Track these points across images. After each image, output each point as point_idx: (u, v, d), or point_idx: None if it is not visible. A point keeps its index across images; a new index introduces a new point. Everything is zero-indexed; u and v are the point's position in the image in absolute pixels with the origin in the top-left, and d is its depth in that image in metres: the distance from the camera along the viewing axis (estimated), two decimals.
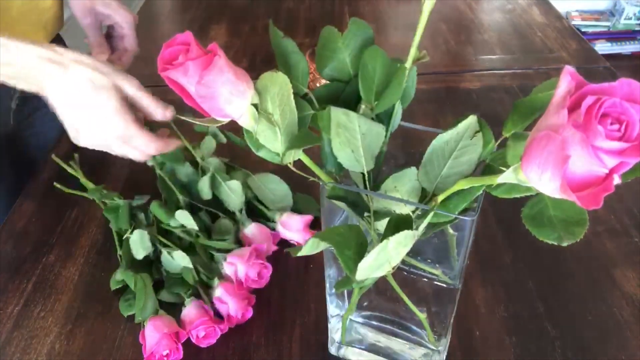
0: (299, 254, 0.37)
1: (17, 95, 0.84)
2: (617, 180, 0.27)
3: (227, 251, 0.64)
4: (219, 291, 0.61)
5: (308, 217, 0.68)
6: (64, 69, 0.52)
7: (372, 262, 0.35)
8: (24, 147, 0.93)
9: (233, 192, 0.68)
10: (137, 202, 0.70)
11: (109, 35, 0.79)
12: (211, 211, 0.70)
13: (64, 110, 0.54)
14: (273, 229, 0.69)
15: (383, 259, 0.35)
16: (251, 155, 0.43)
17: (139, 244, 0.64)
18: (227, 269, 0.63)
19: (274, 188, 0.71)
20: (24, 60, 0.52)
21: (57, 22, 0.84)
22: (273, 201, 0.71)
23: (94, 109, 0.53)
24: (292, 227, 0.68)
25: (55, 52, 0.53)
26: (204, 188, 0.68)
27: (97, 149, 0.57)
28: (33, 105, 0.90)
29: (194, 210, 0.68)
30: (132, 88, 0.56)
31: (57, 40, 0.92)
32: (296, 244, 0.68)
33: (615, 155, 0.26)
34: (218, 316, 0.61)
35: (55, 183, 0.74)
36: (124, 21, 0.78)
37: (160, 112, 0.59)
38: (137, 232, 0.64)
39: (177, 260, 0.62)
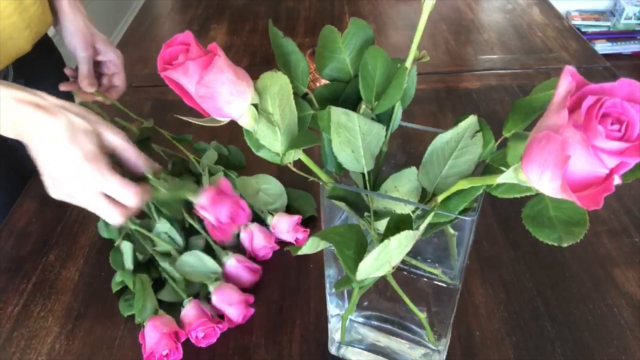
0: (299, 252, 0.37)
1: None
2: (617, 180, 0.27)
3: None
4: (214, 298, 0.60)
5: (296, 217, 0.68)
6: (46, 113, 0.50)
7: (372, 262, 0.35)
8: (21, 150, 0.92)
9: (246, 185, 0.69)
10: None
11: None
12: None
13: (43, 158, 0.52)
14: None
15: (384, 259, 0.35)
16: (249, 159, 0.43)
17: (128, 254, 0.64)
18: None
19: (268, 188, 0.71)
20: (4, 105, 0.50)
21: (42, 22, 0.83)
22: (267, 202, 0.71)
23: (69, 152, 0.50)
24: (282, 228, 0.68)
25: (39, 96, 0.52)
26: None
27: (72, 202, 0.54)
28: None
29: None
30: (118, 139, 0.54)
31: (45, 40, 0.91)
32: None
33: (615, 155, 0.26)
34: (219, 315, 0.61)
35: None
36: (117, 59, 0.82)
37: (145, 163, 0.56)
38: (124, 243, 0.65)
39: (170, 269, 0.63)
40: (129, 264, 0.64)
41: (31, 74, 0.86)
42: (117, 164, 0.55)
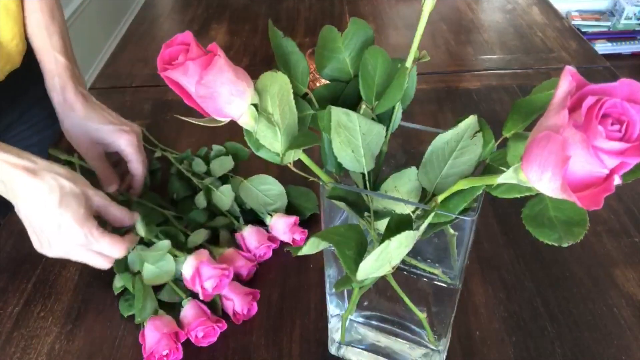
0: (299, 253, 0.37)
1: None
2: (617, 180, 0.27)
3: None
4: (224, 289, 0.61)
5: (293, 218, 0.69)
6: (36, 177, 0.52)
7: (373, 263, 0.35)
8: None
9: (224, 194, 0.70)
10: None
11: (117, 163, 0.77)
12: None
13: (32, 218, 0.54)
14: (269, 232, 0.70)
15: (384, 259, 0.35)
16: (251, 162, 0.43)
17: (137, 257, 0.64)
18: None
19: (268, 189, 0.71)
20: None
21: (19, 56, 0.81)
22: (267, 203, 0.71)
23: (60, 215, 0.53)
24: (279, 229, 0.68)
25: (30, 160, 0.54)
26: (200, 199, 0.71)
27: (61, 257, 0.57)
28: (4, 125, 0.87)
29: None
30: (100, 199, 0.58)
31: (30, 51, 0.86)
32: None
33: (615, 155, 0.26)
34: (221, 313, 0.61)
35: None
36: (126, 147, 0.72)
37: (127, 218, 0.61)
38: (138, 247, 0.64)
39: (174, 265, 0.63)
40: (138, 266, 0.64)
41: (19, 85, 0.84)
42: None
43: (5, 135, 0.88)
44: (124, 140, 0.71)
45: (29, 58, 0.85)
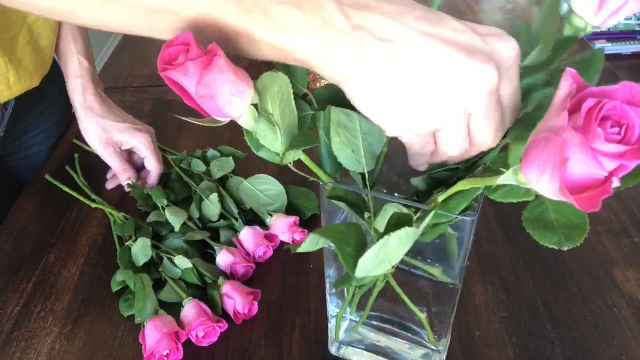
0: (298, 250, 0.37)
1: (3, 123, 0.82)
2: (616, 183, 0.27)
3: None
4: (225, 288, 0.61)
5: (293, 218, 0.69)
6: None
7: (372, 259, 0.35)
8: (14, 169, 0.92)
9: (213, 204, 0.70)
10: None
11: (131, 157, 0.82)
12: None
13: None
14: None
15: (383, 256, 0.35)
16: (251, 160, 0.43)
17: (141, 251, 0.64)
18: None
19: (267, 189, 0.72)
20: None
21: (48, 63, 0.84)
22: (266, 203, 0.71)
23: None
24: (279, 229, 0.68)
25: None
26: (193, 209, 0.71)
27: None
28: (20, 129, 0.88)
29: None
30: None
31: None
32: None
33: (614, 158, 0.26)
34: (222, 313, 0.61)
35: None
36: (140, 144, 0.78)
37: None
38: (140, 240, 0.65)
39: (178, 263, 0.63)
40: (141, 260, 0.64)
41: (38, 89, 0.85)
42: None
43: (21, 138, 0.89)
44: (139, 138, 0.77)
45: None
